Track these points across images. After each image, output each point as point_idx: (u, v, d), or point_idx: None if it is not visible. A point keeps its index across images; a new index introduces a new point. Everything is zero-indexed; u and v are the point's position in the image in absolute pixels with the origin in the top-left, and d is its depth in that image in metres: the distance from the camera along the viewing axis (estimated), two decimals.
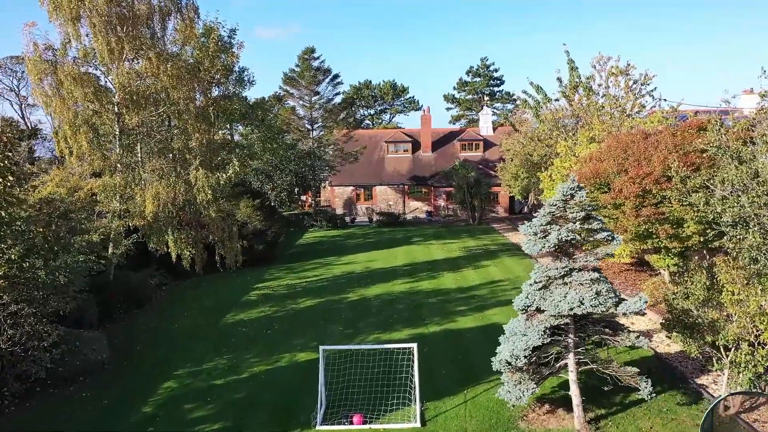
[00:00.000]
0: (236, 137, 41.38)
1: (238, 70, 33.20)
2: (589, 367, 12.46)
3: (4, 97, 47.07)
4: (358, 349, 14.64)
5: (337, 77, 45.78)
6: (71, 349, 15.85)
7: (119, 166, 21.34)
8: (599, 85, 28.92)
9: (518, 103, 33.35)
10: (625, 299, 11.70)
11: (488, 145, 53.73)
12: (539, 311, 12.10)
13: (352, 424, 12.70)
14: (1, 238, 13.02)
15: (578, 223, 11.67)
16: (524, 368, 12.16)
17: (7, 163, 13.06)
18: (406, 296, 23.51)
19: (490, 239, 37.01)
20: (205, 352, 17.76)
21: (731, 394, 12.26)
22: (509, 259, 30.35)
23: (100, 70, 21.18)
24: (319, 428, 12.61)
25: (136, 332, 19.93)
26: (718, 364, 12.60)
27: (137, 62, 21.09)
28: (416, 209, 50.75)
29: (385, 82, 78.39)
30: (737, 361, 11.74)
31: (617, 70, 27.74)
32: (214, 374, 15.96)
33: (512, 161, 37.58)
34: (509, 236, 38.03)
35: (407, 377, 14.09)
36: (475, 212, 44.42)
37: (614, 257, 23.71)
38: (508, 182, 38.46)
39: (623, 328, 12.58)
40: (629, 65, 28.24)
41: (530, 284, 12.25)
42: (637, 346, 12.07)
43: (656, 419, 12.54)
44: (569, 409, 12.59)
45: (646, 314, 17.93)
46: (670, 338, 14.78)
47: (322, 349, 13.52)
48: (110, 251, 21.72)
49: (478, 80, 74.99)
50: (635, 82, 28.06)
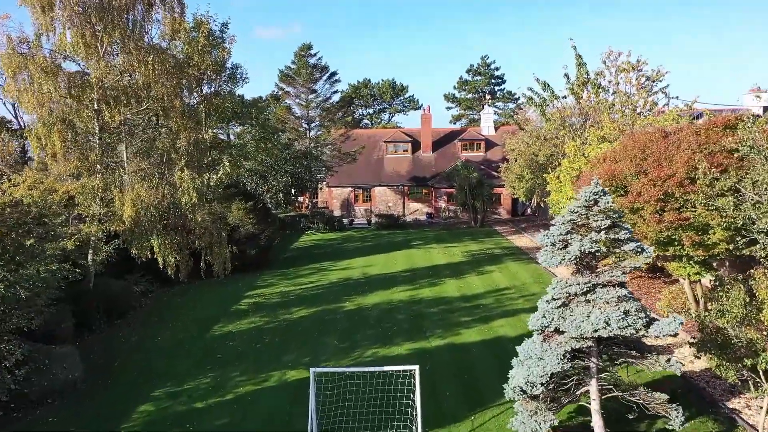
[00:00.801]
0: (231, 137, 40.06)
1: (230, 66, 31.73)
2: (613, 394, 11.04)
3: None
4: (353, 372, 13.19)
5: (334, 75, 44.41)
6: (39, 367, 14.45)
7: (99, 166, 19.91)
8: (609, 81, 27.50)
9: (523, 101, 31.88)
10: (656, 319, 10.29)
11: (490, 145, 52.34)
12: (558, 332, 10.69)
13: None
14: None
15: (603, 232, 10.26)
16: (541, 396, 10.75)
17: None
18: (406, 305, 22.09)
19: (493, 243, 35.59)
20: (188, 369, 16.33)
21: None
22: (514, 264, 28.93)
23: (78, 63, 19.77)
24: None
25: (115, 346, 18.49)
26: (757, 390, 11.20)
27: (119, 56, 19.67)
28: (416, 211, 49.36)
29: (384, 80, 76.96)
30: None
31: (629, 65, 26.32)
32: (195, 396, 14.52)
33: (516, 161, 36.15)
34: (513, 239, 36.63)
35: (408, 402, 12.69)
36: (477, 214, 43.01)
37: None
38: (512, 183, 37.04)
39: (652, 349, 11.17)
40: (640, 61, 26.85)
41: (547, 301, 10.84)
42: (669, 371, 10.67)
43: None
44: None
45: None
46: (699, 358, 13.39)
47: (313, 372, 12.09)
48: (90, 258, 20.32)
49: (479, 79, 73.57)
50: (647, 78, 26.65)
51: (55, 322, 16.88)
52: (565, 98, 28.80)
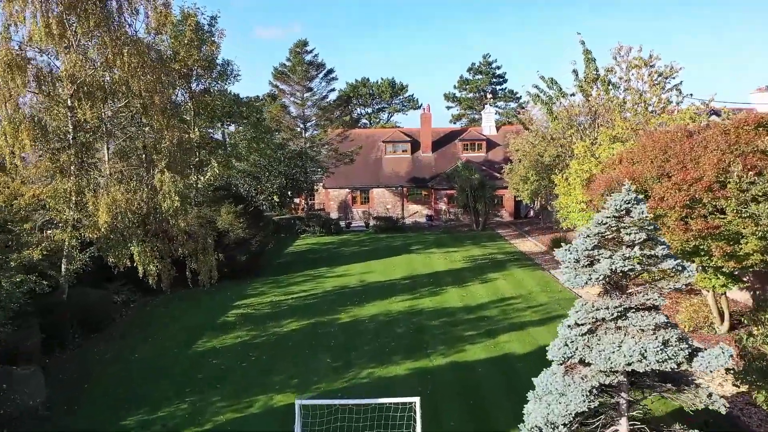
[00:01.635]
0: (226, 136, 38.51)
1: (221, 62, 30.20)
2: None
3: None
4: (344, 404, 11.66)
5: (331, 72, 42.85)
6: None
7: (73, 168, 18.37)
8: (620, 78, 25.99)
9: (528, 99, 30.32)
10: (700, 349, 8.76)
11: (491, 145, 50.83)
12: (583, 363, 9.17)
13: None
14: None
15: (637, 247, 8.74)
16: None
17: None
18: (405, 317, 20.56)
19: (496, 247, 34.06)
20: (165, 391, 14.80)
21: None
22: (520, 271, 27.41)
23: (48, 56, 18.22)
24: None
25: (88, 363, 16.95)
26: None
27: (93, 48, 18.13)
28: (416, 213, 47.82)
29: (383, 79, 75.42)
30: None
31: (640, 61, 24.80)
32: (170, 425, 12.99)
33: (520, 162, 34.60)
34: (517, 243, 35.10)
35: None
36: (479, 217, 41.47)
37: None
38: (516, 185, 35.48)
39: (690, 380, 9.64)
40: (652, 56, 25.33)
41: (569, 326, 9.31)
42: (712, 408, 9.14)
43: None
44: None
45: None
46: (738, 387, 11.89)
47: (298, 404, 10.57)
48: (63, 267, 18.78)
49: (480, 78, 72.04)
50: (660, 75, 25.13)
51: (18, 339, 15.34)
52: (573, 96, 27.30)
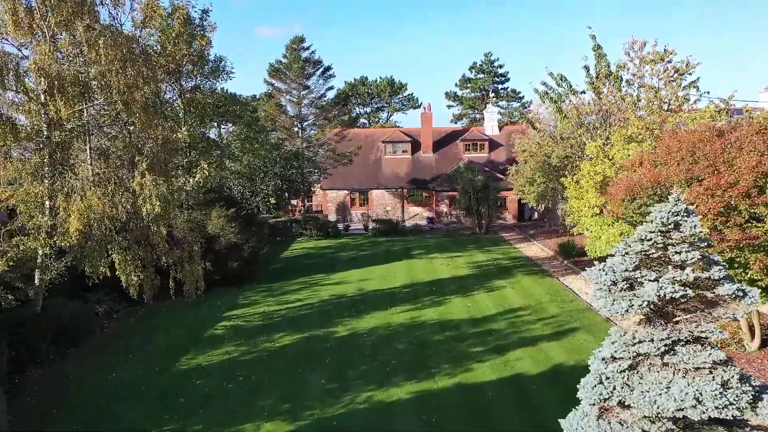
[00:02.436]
0: (219, 135, 37.04)
1: (213, 58, 28.71)
2: None
3: None
4: None
5: (329, 69, 41.35)
6: None
7: (47, 169, 16.89)
8: (633, 74, 24.56)
9: (534, 97, 28.89)
10: (765, 389, 7.32)
11: (494, 145, 49.40)
12: (622, 406, 7.72)
13: None
14: None
15: (689, 269, 7.29)
16: None
17: None
18: (407, 330, 19.12)
19: (501, 252, 32.61)
20: (141, 418, 13.36)
21: None
22: (527, 278, 25.96)
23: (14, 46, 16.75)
24: None
25: (61, 384, 15.49)
26: None
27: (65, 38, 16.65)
28: (416, 215, 46.36)
29: (382, 78, 73.94)
30: None
31: (656, 56, 23.37)
32: None
33: (526, 164, 33.13)
34: (522, 248, 33.66)
35: None
36: (482, 220, 39.99)
37: None
38: (521, 187, 34.01)
39: (744, 424, 8.19)
40: (668, 51, 23.92)
41: (603, 359, 7.88)
42: None
43: None
44: None
45: None
46: None
47: None
48: (37, 278, 17.33)
49: (481, 77, 70.54)
50: (676, 71, 23.72)
51: None
52: (583, 93, 25.85)
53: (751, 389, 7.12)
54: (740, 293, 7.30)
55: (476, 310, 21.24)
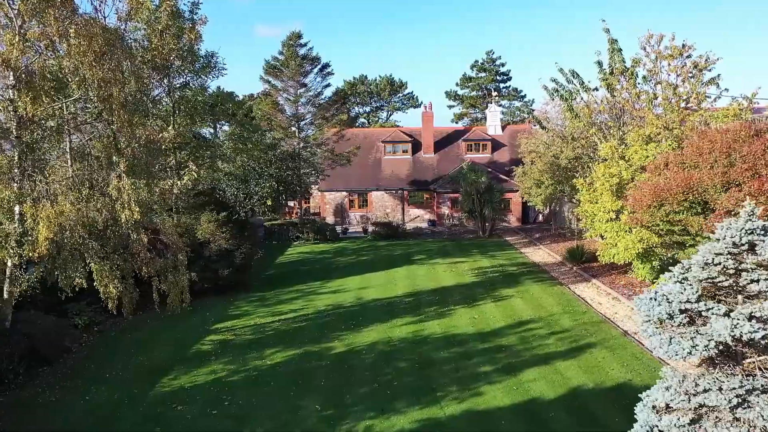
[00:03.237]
0: (209, 135, 35.62)
1: (204, 54, 27.28)
2: None
3: None
4: None
5: (327, 67, 39.86)
6: None
7: (16, 170, 15.43)
8: (649, 71, 23.12)
9: (540, 94, 27.45)
10: None
11: (497, 145, 48.03)
12: None
13: None
14: None
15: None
16: None
17: None
18: (409, 346, 17.67)
19: (506, 257, 31.15)
20: None
21: None
22: (536, 286, 24.50)
23: None
24: None
25: (24, 412, 13.98)
26: None
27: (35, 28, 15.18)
28: (417, 217, 44.95)
29: (381, 77, 72.52)
30: None
31: (675, 50, 21.93)
32: None
33: (533, 165, 31.66)
34: (528, 253, 32.22)
35: None
36: (485, 222, 38.52)
37: None
38: (528, 190, 32.54)
39: None
40: (686, 45, 22.48)
41: (655, 409, 6.47)
42: None
43: None
44: None
45: None
46: None
47: None
48: (5, 290, 15.87)
49: (483, 75, 69.14)
50: (695, 66, 22.27)
51: None
52: (596, 90, 24.41)
53: None
54: None
55: (483, 322, 19.78)
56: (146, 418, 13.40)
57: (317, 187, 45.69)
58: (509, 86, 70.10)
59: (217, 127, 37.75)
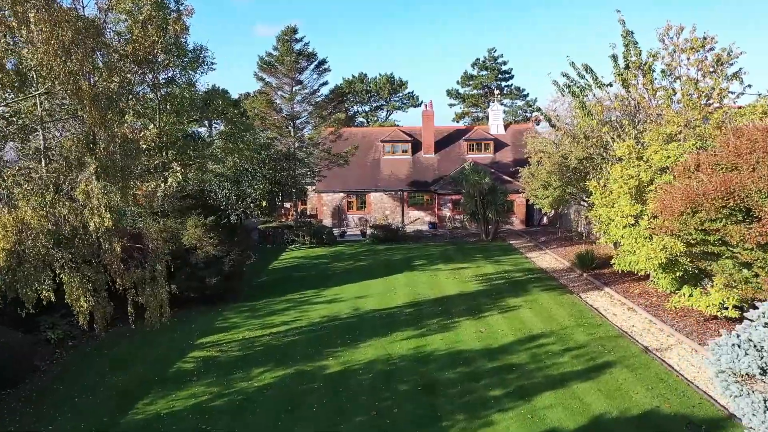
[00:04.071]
0: (204, 135, 34.00)
1: (192, 48, 25.70)
2: None
3: None
4: None
5: (323, 63, 38.35)
6: None
7: None
8: (667, 65, 21.58)
9: (543, 94, 25.91)
10: None
11: (499, 145, 46.53)
12: None
13: None
14: None
15: None
16: None
17: None
18: (410, 365, 16.12)
19: (511, 262, 29.63)
20: None
21: None
22: (544, 295, 22.96)
23: None
24: None
25: None
26: None
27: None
28: (417, 219, 43.41)
29: (381, 75, 70.97)
30: None
31: (696, 43, 20.39)
32: None
33: (540, 165, 30.09)
34: (534, 258, 30.70)
35: None
36: (488, 225, 36.98)
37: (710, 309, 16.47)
38: (534, 192, 30.99)
39: None
40: (707, 38, 20.93)
41: None
42: None
43: None
44: None
45: None
46: None
47: None
48: None
49: (485, 74, 67.60)
50: (718, 60, 20.73)
51: None
52: (610, 86, 22.87)
53: None
54: None
55: (491, 337, 18.22)
56: None
57: (314, 188, 44.17)
58: (511, 85, 68.62)
59: (212, 126, 36.11)
